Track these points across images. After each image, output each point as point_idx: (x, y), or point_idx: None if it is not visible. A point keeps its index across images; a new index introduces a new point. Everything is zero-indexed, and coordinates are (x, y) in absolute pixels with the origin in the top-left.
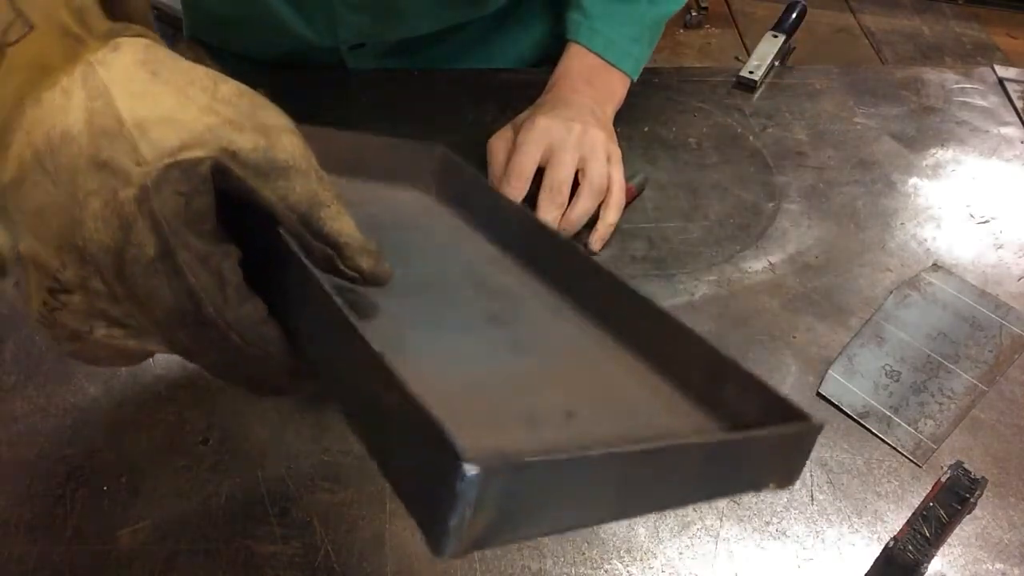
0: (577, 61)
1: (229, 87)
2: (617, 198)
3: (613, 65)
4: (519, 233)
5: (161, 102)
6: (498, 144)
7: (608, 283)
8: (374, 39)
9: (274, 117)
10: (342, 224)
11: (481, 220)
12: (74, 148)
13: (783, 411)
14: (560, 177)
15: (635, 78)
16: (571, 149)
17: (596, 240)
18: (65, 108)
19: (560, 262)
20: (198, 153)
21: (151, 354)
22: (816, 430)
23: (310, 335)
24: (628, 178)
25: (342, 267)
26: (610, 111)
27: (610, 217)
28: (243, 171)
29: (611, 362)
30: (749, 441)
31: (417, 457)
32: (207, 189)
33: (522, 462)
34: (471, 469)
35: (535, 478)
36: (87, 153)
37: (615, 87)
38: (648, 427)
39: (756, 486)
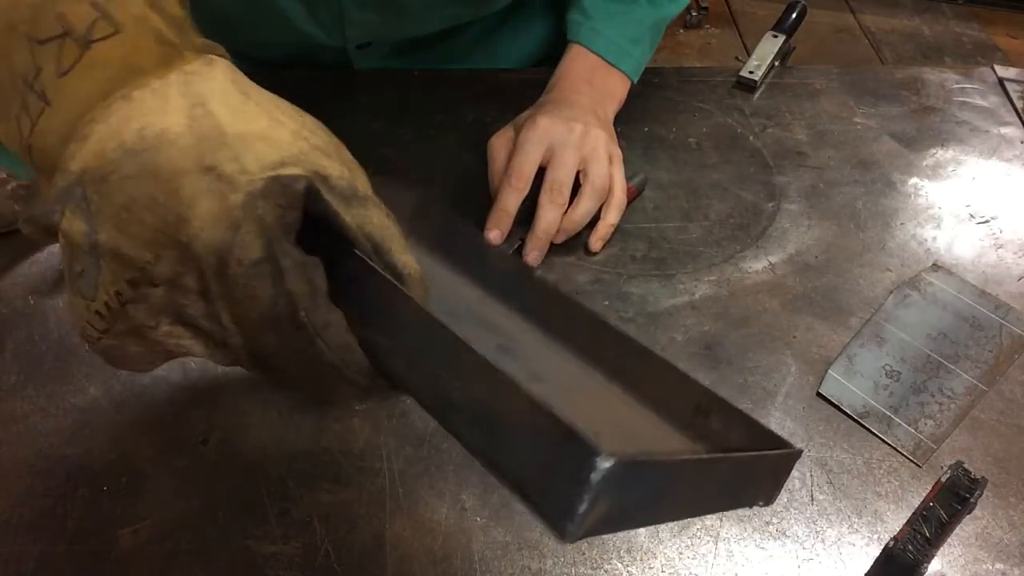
0: (578, 62)
1: (311, 119)
2: (619, 198)
3: (613, 66)
4: (503, 275)
5: (256, 120)
6: (499, 144)
7: (593, 322)
8: (381, 38)
9: (349, 153)
10: (407, 258)
11: (461, 262)
12: (175, 150)
13: (766, 439)
14: (561, 177)
15: (635, 80)
16: (572, 149)
17: (596, 240)
18: (162, 110)
19: (545, 303)
20: (297, 171)
21: (176, 357)
22: (797, 455)
23: (399, 349)
24: (628, 178)
25: None
26: (611, 111)
27: (611, 217)
28: (331, 195)
29: (606, 394)
30: (764, 459)
31: (541, 454)
32: (299, 206)
33: (643, 459)
34: (605, 462)
35: (646, 475)
36: (192, 156)
37: (615, 88)
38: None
39: (750, 502)
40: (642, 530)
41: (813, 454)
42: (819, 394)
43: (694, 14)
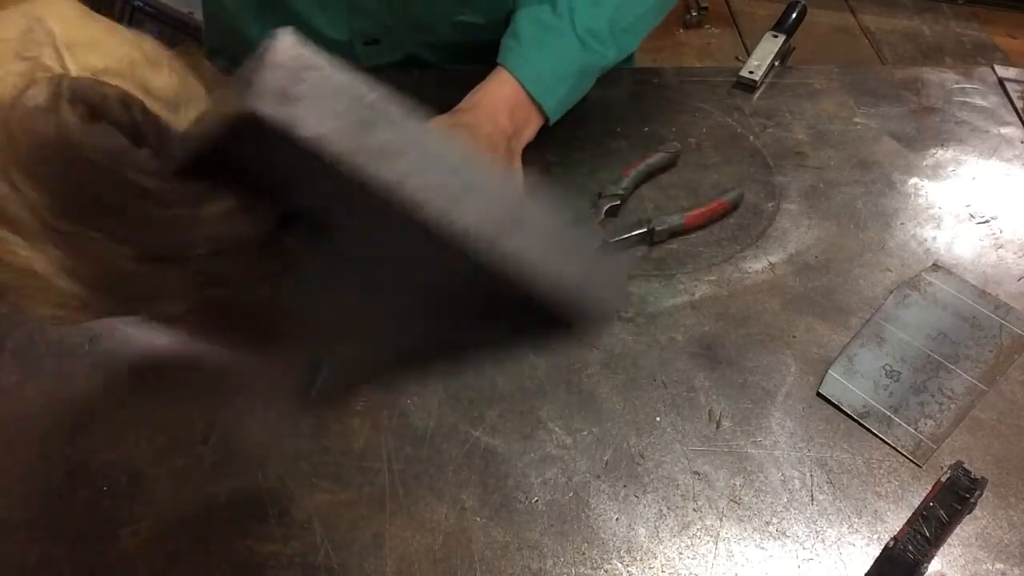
0: (505, 87)
1: (151, 39)
2: None
3: (534, 101)
4: None
5: (91, 29)
6: None
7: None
8: (390, 35)
9: (181, 64)
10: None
11: None
12: (2, 47)
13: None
14: None
15: (552, 121)
16: None
17: None
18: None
19: None
20: (116, 82)
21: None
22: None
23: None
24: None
25: None
26: (521, 148)
27: None
28: (157, 106)
29: None
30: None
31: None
32: (113, 115)
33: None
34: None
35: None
36: (14, 50)
37: (530, 125)
38: None
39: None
40: (642, 530)
41: (813, 454)
42: (819, 394)
43: (694, 14)
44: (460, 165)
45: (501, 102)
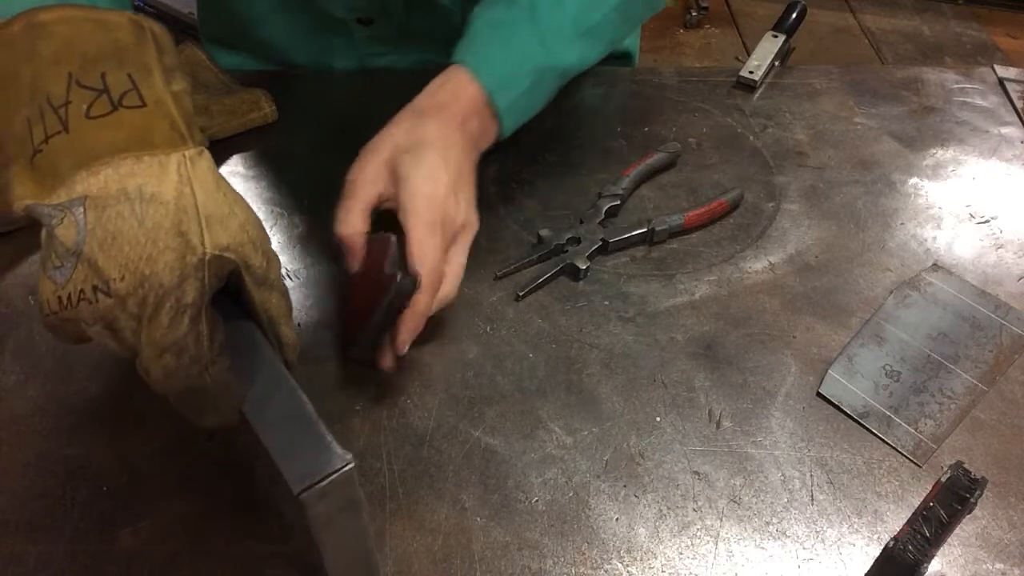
0: (472, 88)
1: (254, 215)
2: (445, 292)
3: (492, 106)
4: None
5: (220, 208)
6: (366, 177)
7: None
8: (385, 11)
9: (271, 246)
10: (289, 331)
11: None
12: (163, 211)
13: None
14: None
15: (505, 135)
16: (449, 231)
17: (401, 342)
18: (160, 178)
19: None
20: (232, 257)
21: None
22: None
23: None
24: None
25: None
26: (477, 157)
27: (421, 305)
28: (249, 277)
29: None
30: None
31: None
32: (224, 279)
33: None
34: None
35: None
36: (172, 220)
37: (487, 136)
38: None
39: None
40: (642, 530)
41: (813, 454)
42: (819, 394)
43: (694, 14)
44: None
45: (466, 105)
